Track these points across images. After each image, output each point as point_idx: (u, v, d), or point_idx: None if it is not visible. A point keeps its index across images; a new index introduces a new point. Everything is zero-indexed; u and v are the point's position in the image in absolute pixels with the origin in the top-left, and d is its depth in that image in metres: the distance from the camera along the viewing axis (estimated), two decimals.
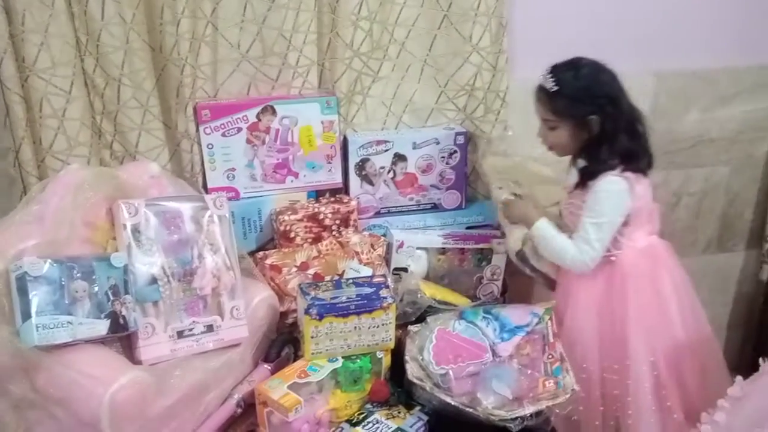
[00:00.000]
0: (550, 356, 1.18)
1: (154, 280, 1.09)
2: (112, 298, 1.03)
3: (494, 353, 1.17)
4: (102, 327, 1.01)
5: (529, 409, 1.09)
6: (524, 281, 1.76)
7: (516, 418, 1.07)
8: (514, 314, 1.23)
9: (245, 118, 1.36)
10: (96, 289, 1.02)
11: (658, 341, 1.28)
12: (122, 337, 1.07)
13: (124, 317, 1.03)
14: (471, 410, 1.08)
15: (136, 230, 1.10)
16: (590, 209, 1.24)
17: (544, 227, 1.28)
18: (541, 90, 1.26)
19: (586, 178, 1.26)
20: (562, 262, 1.28)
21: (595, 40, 1.58)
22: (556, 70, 1.25)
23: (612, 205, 1.24)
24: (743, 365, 1.27)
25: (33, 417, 1.01)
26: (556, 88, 1.23)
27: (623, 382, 1.27)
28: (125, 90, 1.30)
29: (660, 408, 1.27)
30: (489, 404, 1.10)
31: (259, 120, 1.37)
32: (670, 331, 1.29)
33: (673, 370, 1.29)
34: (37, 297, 0.96)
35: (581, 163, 1.28)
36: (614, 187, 1.23)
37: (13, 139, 1.26)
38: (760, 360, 1.18)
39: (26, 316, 0.95)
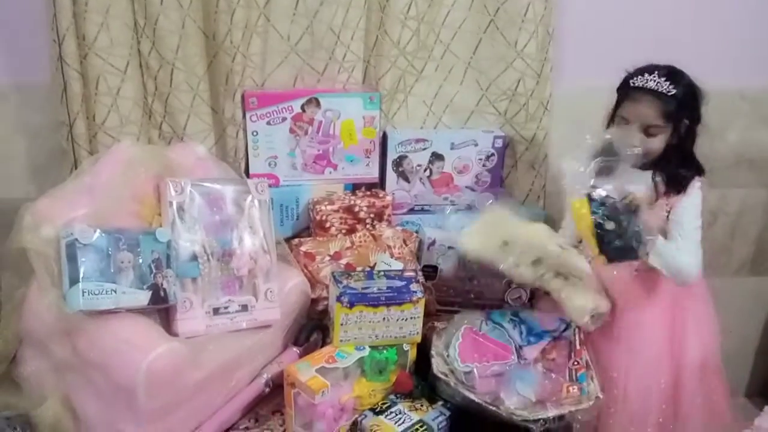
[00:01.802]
0: (575, 363, 1.19)
1: (194, 257, 1.13)
2: (154, 270, 1.06)
3: (520, 355, 1.18)
4: (143, 297, 1.05)
5: (551, 412, 1.09)
6: None
7: (538, 419, 1.08)
8: (542, 319, 1.24)
9: (290, 108, 1.39)
10: (140, 261, 1.05)
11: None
12: (161, 310, 1.10)
13: (164, 290, 1.07)
14: (494, 408, 1.10)
15: (180, 208, 1.13)
16: (689, 213, 1.24)
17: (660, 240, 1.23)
18: (653, 93, 1.23)
19: (680, 184, 1.25)
20: (677, 270, 1.24)
21: (640, 53, 1.59)
22: (669, 75, 1.24)
23: (701, 209, 1.26)
24: None
25: (72, 379, 1.06)
26: (673, 92, 1.22)
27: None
28: (177, 73, 1.34)
29: None
30: (511, 404, 1.11)
31: (304, 111, 1.40)
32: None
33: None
34: (85, 264, 1.00)
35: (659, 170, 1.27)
36: (703, 191, 1.26)
37: (68, 114, 1.31)
38: None
39: (74, 281, 0.99)
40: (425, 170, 1.49)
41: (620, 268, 1.21)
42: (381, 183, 1.50)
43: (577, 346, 1.20)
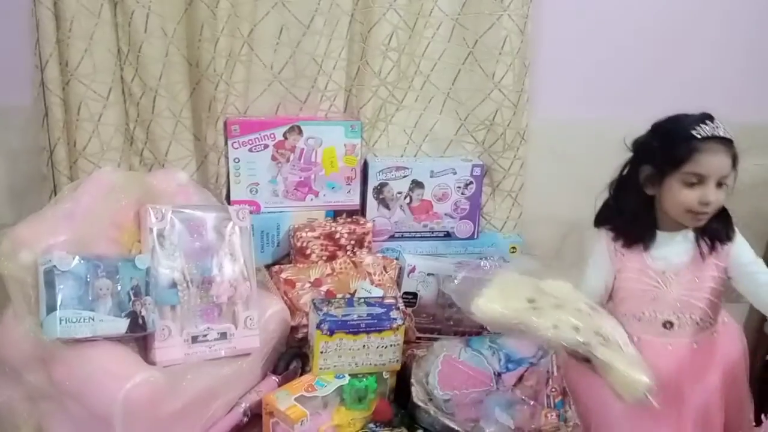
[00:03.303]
0: (553, 389, 1.20)
1: (174, 285, 1.12)
2: (133, 298, 1.06)
3: (498, 382, 1.19)
4: (122, 325, 1.04)
5: None
6: None
7: None
8: (520, 346, 1.25)
9: (272, 135, 1.41)
10: (119, 288, 1.05)
11: None
12: (138, 338, 1.09)
13: (143, 318, 1.06)
14: None
15: (161, 235, 1.13)
16: (750, 250, 1.21)
17: None
18: (724, 141, 1.14)
19: (724, 233, 1.20)
20: None
21: (616, 85, 1.65)
22: (717, 120, 1.16)
23: None
24: None
25: (46, 408, 1.04)
26: (731, 138, 1.14)
27: None
28: (160, 100, 1.35)
29: None
30: None
31: (286, 138, 1.42)
32: None
33: None
34: (63, 291, 0.99)
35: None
36: None
37: (48, 140, 1.30)
38: (763, 417, 1.21)
39: (51, 308, 0.98)
40: (405, 197, 1.51)
41: (675, 342, 1.19)
42: (362, 210, 1.52)
43: (555, 373, 1.21)
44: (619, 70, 1.63)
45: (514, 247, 1.57)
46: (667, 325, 1.23)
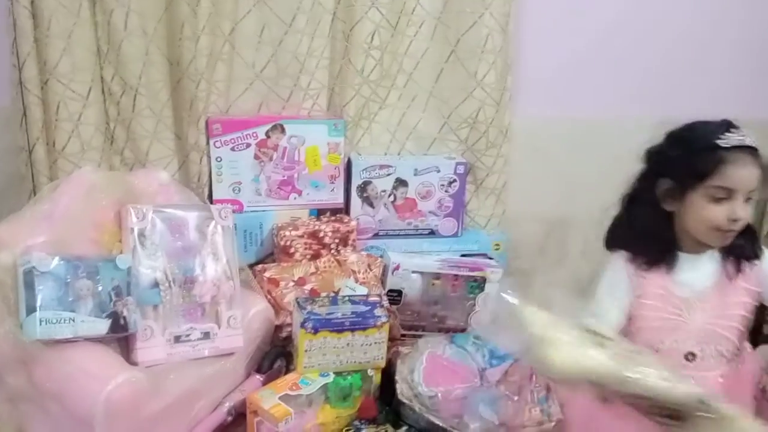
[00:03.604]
0: (537, 384, 1.20)
1: (155, 284, 1.11)
2: (114, 298, 1.05)
3: (483, 378, 1.20)
4: (103, 326, 1.03)
5: None
6: None
7: None
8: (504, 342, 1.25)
9: (255, 134, 1.40)
10: (100, 288, 1.04)
11: None
12: (120, 338, 1.08)
13: (125, 318, 1.05)
14: None
15: (142, 234, 1.12)
16: None
17: None
18: (752, 152, 1.03)
19: (751, 251, 1.09)
20: None
21: (597, 84, 1.66)
22: (741, 128, 1.06)
23: None
24: None
25: (26, 410, 1.02)
26: (758, 147, 1.04)
27: None
28: (141, 99, 1.34)
29: None
30: (476, 428, 1.12)
31: (268, 137, 1.41)
32: None
33: None
34: (42, 292, 0.98)
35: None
36: None
37: (27, 139, 1.29)
38: None
39: (31, 309, 0.97)
40: (389, 195, 1.51)
41: (698, 376, 1.04)
42: (346, 208, 1.52)
43: None
44: (602, 68, 1.65)
45: (497, 245, 1.58)
46: (689, 357, 1.10)
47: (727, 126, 1.06)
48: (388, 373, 1.22)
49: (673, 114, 1.71)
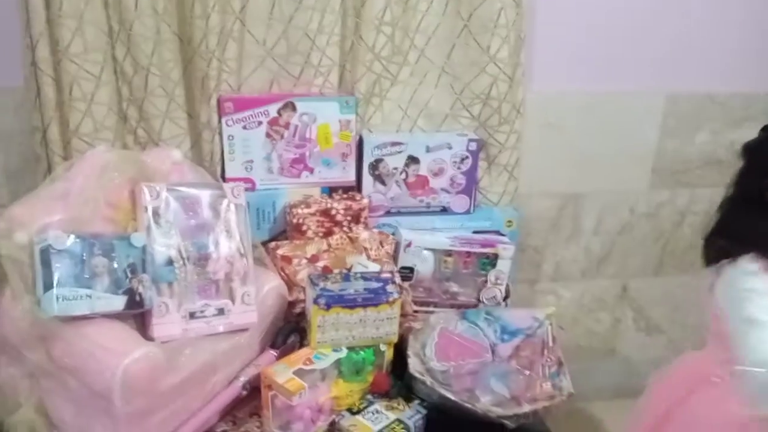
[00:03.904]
0: (548, 359, 1.21)
1: (170, 262, 1.13)
2: (130, 275, 1.07)
3: (494, 353, 1.20)
4: (119, 302, 1.05)
5: (525, 408, 1.12)
6: (527, 287, 1.80)
7: (512, 415, 1.10)
8: (516, 317, 1.26)
9: (266, 112, 1.40)
10: (115, 266, 1.05)
11: None
12: (136, 315, 1.10)
13: (140, 295, 1.07)
14: (469, 406, 1.11)
15: (156, 213, 1.14)
16: None
17: None
18: None
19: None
20: None
21: (611, 58, 1.64)
22: None
23: None
24: None
25: (46, 385, 1.05)
26: None
27: None
28: (153, 79, 1.34)
29: None
30: (487, 401, 1.13)
31: (280, 115, 1.41)
32: None
33: None
34: (59, 269, 1.00)
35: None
36: None
37: (42, 120, 1.30)
38: None
39: (48, 286, 0.99)
40: (401, 173, 1.51)
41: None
42: (357, 186, 1.52)
43: (550, 344, 1.22)
44: (615, 41, 1.62)
45: (510, 221, 1.58)
46: None
47: None
48: (401, 349, 1.23)
49: (687, 88, 1.71)
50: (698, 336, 1.92)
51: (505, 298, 1.50)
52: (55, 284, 0.99)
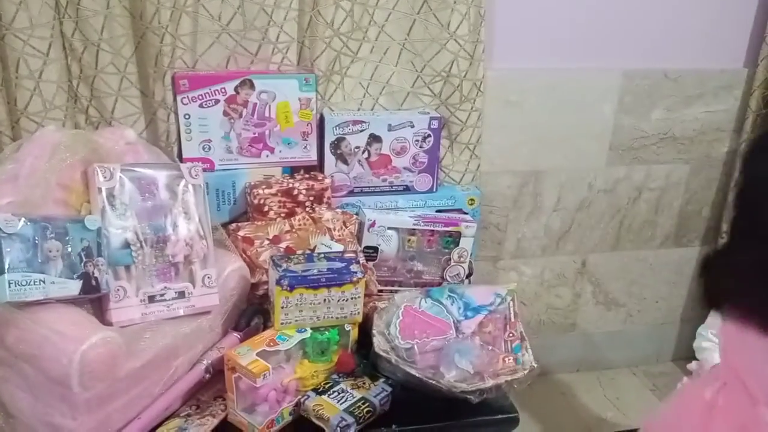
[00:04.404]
0: (510, 335, 1.23)
1: (127, 245, 1.10)
2: (84, 259, 1.03)
3: (458, 330, 1.22)
4: (74, 287, 1.02)
5: (488, 383, 1.13)
6: (489, 265, 1.83)
7: (476, 390, 1.12)
8: (478, 294, 1.27)
9: (223, 90, 1.37)
10: (69, 249, 1.02)
11: None
12: (93, 300, 1.07)
13: (96, 279, 1.04)
14: (434, 382, 1.12)
15: (110, 194, 1.10)
16: None
17: None
18: None
19: None
20: None
21: (568, 35, 1.65)
22: None
23: None
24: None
25: (1, 374, 1.01)
26: None
27: None
28: (103, 55, 1.30)
29: None
30: (451, 377, 1.14)
31: (237, 93, 1.38)
32: None
33: None
34: (10, 254, 0.95)
35: None
36: None
37: None
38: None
39: None
40: (363, 152, 1.50)
41: None
42: (319, 166, 1.50)
43: (512, 319, 1.24)
44: (574, 19, 1.63)
45: (472, 200, 1.59)
46: None
47: None
48: (365, 328, 1.23)
49: (648, 65, 1.74)
50: (656, 309, 1.97)
51: (468, 276, 1.51)
52: (6, 269, 0.95)
